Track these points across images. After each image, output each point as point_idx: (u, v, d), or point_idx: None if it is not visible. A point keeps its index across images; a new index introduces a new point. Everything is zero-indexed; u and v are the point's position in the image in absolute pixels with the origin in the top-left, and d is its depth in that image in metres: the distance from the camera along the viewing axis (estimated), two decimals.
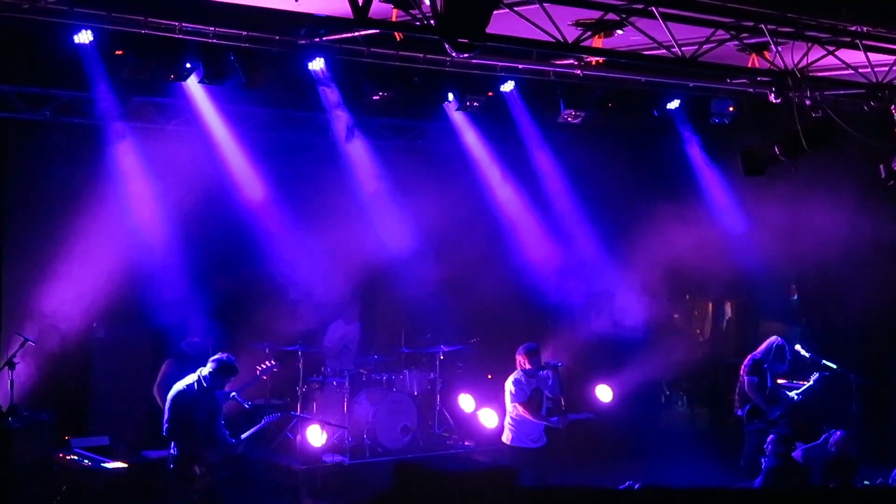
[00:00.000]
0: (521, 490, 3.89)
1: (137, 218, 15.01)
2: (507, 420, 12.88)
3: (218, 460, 11.63)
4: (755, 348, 14.92)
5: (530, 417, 12.68)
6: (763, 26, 11.64)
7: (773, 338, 14.76)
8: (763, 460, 12.54)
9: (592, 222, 17.99)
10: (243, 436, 11.87)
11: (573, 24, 11.51)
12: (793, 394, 14.62)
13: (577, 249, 18.10)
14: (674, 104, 15.69)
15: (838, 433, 13.57)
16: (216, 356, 11.74)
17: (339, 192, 16.87)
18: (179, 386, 11.59)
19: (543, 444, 12.82)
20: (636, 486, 10.41)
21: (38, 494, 11.68)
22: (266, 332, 16.13)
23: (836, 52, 12.41)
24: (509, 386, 12.82)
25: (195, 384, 11.58)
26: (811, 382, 14.63)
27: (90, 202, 14.67)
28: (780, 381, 14.81)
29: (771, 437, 12.70)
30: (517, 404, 12.68)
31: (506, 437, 12.88)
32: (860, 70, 12.84)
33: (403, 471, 3.91)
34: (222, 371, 11.64)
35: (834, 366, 15.10)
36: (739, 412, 14.43)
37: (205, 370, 11.63)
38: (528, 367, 12.79)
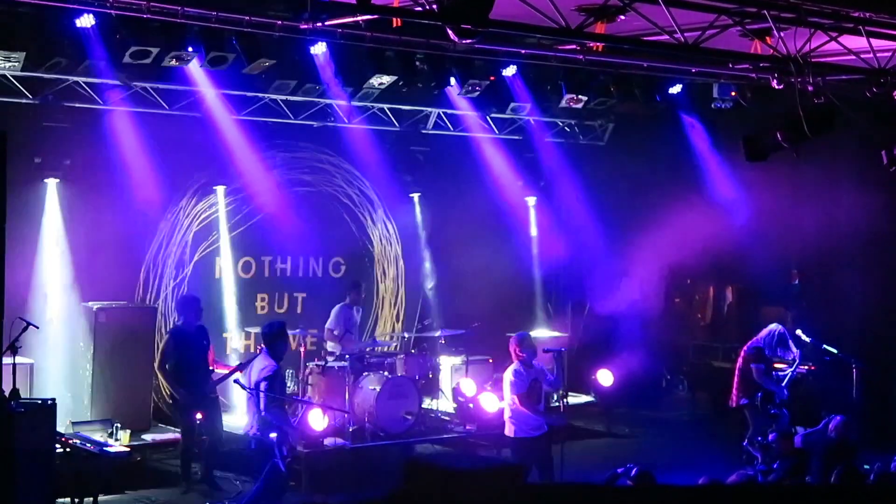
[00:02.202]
0: (530, 487, 3.91)
1: (139, 201, 15.02)
2: (507, 413, 12.78)
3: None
4: (756, 333, 14.96)
5: (528, 411, 12.57)
6: (766, 12, 11.62)
7: (774, 326, 14.80)
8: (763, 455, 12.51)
9: (594, 207, 18.01)
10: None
11: (576, 10, 11.50)
12: (785, 373, 14.71)
13: (578, 234, 18.13)
14: (676, 89, 15.66)
15: (838, 418, 13.58)
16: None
17: (341, 177, 16.90)
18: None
19: (545, 432, 12.77)
20: (633, 471, 10.43)
21: (41, 479, 11.69)
22: (267, 315, 16.17)
23: (838, 38, 12.39)
24: (508, 377, 12.69)
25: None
26: (797, 361, 14.71)
27: (92, 185, 14.67)
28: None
29: (772, 435, 12.67)
30: (515, 396, 12.59)
31: (508, 430, 12.77)
32: (862, 56, 12.83)
33: (413, 469, 3.92)
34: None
35: (834, 350, 15.12)
36: (745, 401, 14.46)
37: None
38: (522, 355, 12.69)
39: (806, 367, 15.92)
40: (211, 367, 13.73)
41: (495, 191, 17.64)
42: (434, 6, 10.20)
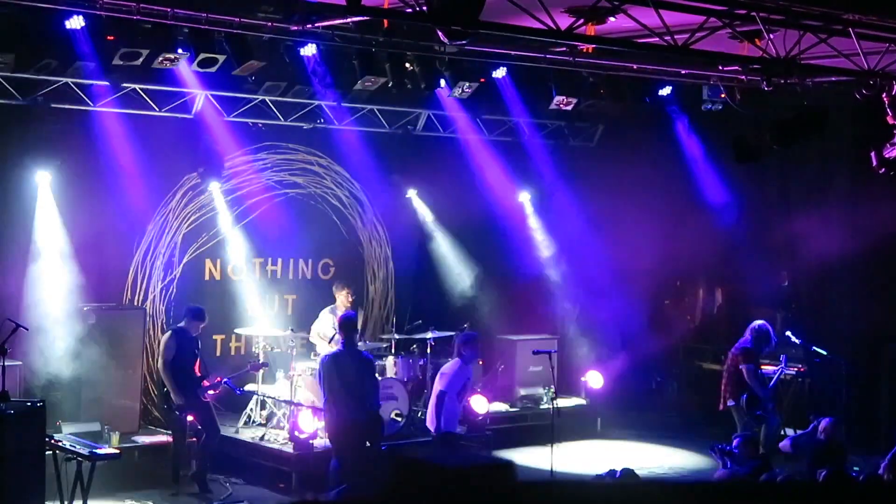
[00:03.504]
0: (520, 484, 3.91)
1: (129, 202, 15.01)
2: (434, 408, 13.07)
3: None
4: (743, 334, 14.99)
5: (453, 410, 12.89)
6: (755, 14, 11.65)
7: (757, 322, 14.84)
8: (726, 461, 12.43)
9: (584, 209, 18.01)
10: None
11: (565, 12, 11.51)
12: (772, 374, 14.79)
13: (568, 235, 18.14)
14: (665, 91, 15.68)
15: (826, 420, 13.60)
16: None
17: (330, 178, 16.88)
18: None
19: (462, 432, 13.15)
20: (617, 473, 10.46)
21: (30, 480, 11.67)
22: (257, 317, 16.16)
23: (827, 40, 12.42)
24: (448, 372, 13.03)
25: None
26: (782, 366, 14.76)
27: (81, 186, 14.64)
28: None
29: (736, 440, 12.57)
30: (451, 393, 12.89)
31: (432, 422, 13.08)
32: (851, 58, 12.86)
33: (401, 465, 3.92)
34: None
35: (824, 352, 15.15)
36: (732, 402, 14.51)
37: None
38: (465, 355, 13.02)
39: (795, 369, 15.96)
40: (199, 375, 13.76)
41: (486, 192, 17.63)
42: (424, 7, 10.21)
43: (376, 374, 13.28)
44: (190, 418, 13.44)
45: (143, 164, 14.84)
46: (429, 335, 16.09)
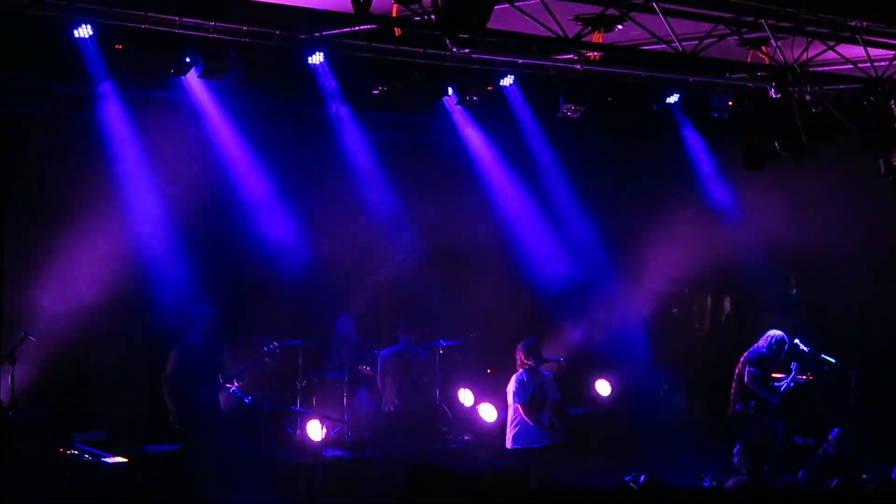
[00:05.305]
0: (534, 490, 3.92)
1: (138, 212, 15.03)
2: (509, 422, 12.59)
3: None
4: (754, 342, 14.96)
5: (530, 421, 12.34)
6: (763, 21, 11.65)
7: (773, 332, 14.84)
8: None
9: (592, 216, 18.01)
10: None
11: (573, 19, 11.51)
12: (781, 383, 14.77)
13: (576, 243, 18.13)
14: (673, 98, 15.68)
15: (834, 431, 13.56)
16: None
17: (338, 186, 16.90)
18: None
19: (546, 445, 12.53)
20: (641, 478, 10.41)
21: (39, 489, 11.68)
22: (267, 326, 16.16)
23: (835, 47, 12.42)
24: (512, 385, 12.51)
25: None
26: (793, 374, 14.75)
27: (90, 196, 14.67)
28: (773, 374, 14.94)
29: (737, 447, 12.40)
30: (518, 405, 12.40)
31: (508, 441, 12.57)
32: (860, 65, 12.86)
33: (419, 472, 3.93)
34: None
35: (833, 360, 15.12)
36: (739, 406, 14.48)
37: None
38: (528, 363, 12.53)
39: (804, 377, 15.93)
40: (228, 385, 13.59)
41: (494, 200, 17.64)
42: (432, 16, 10.21)
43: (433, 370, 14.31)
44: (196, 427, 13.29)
45: (151, 171, 14.86)
46: (438, 343, 16.07)
